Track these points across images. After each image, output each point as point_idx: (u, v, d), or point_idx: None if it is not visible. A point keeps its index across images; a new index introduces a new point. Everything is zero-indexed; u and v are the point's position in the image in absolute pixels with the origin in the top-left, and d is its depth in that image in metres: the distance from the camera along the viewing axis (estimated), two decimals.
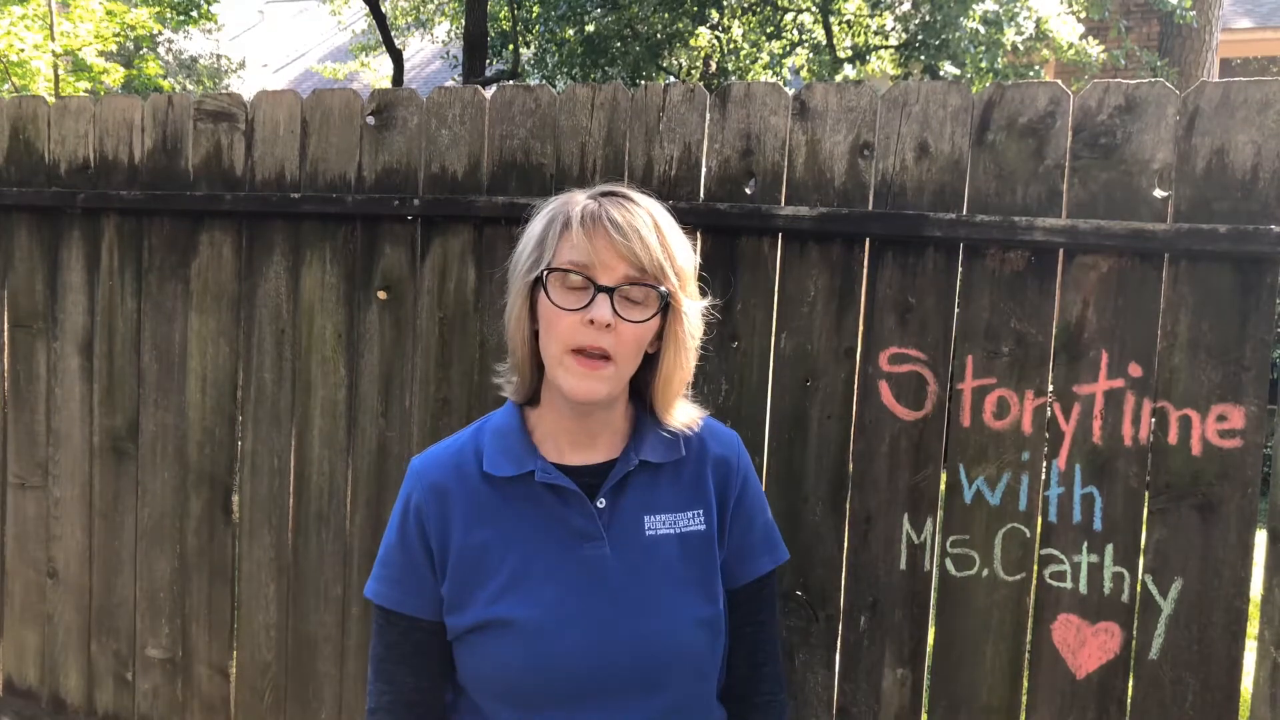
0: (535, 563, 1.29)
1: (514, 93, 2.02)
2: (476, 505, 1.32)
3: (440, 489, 1.33)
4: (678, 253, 1.28)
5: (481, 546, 1.31)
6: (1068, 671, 1.70)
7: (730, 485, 1.40)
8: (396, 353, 2.15)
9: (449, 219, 2.08)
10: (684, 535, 1.33)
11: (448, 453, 1.38)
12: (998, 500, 1.72)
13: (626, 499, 1.33)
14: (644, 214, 1.27)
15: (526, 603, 1.28)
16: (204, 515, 2.37)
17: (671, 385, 1.34)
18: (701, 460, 1.39)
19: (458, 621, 1.31)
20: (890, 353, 1.77)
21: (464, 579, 1.31)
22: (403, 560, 1.35)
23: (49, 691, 2.59)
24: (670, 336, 1.31)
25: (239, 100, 2.28)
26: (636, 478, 1.34)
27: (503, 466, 1.32)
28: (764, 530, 1.44)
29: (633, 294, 1.26)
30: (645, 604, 1.29)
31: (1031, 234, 1.67)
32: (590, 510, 1.31)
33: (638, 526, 1.32)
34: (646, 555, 1.31)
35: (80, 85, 8.56)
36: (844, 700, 1.84)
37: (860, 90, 1.78)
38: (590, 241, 1.23)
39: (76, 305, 2.48)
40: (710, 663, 1.35)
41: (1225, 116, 1.59)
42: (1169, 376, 1.63)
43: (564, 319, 1.24)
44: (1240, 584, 1.61)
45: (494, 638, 1.28)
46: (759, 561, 1.42)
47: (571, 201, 1.29)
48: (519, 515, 1.32)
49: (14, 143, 2.52)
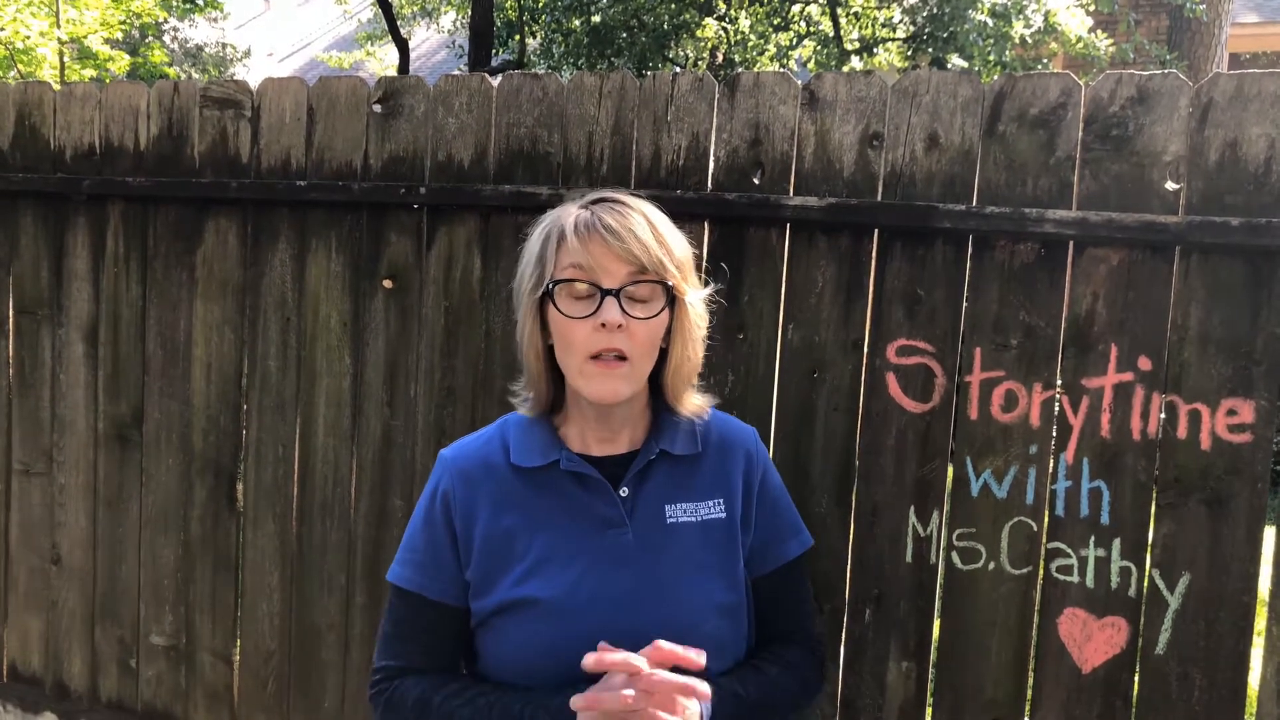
0: (560, 547, 1.33)
1: (521, 81, 2.01)
2: (504, 492, 1.36)
3: (468, 476, 1.38)
4: (674, 246, 1.32)
5: (508, 531, 1.34)
6: (1073, 666, 1.69)
7: (753, 475, 1.44)
8: (402, 342, 2.14)
9: (455, 208, 2.07)
10: (705, 523, 1.37)
11: (475, 444, 1.43)
12: (1005, 493, 1.71)
13: (648, 488, 1.37)
14: (636, 214, 1.30)
15: (552, 584, 1.31)
16: (208, 503, 2.37)
17: (682, 373, 1.37)
18: (722, 452, 1.43)
19: (483, 604, 1.34)
20: (898, 345, 1.77)
21: (490, 563, 1.34)
22: (427, 544, 1.38)
23: (53, 678, 2.59)
24: (678, 327, 1.34)
25: (245, 87, 2.27)
26: (658, 467, 1.38)
27: (530, 457, 1.37)
28: (789, 517, 1.49)
29: (637, 292, 1.29)
30: (667, 588, 1.32)
31: (1042, 226, 1.66)
32: (614, 498, 1.35)
33: (659, 514, 1.36)
34: (668, 542, 1.33)
35: (86, 73, 8.55)
36: (848, 693, 1.83)
37: (870, 80, 1.77)
38: (587, 248, 1.27)
39: (81, 292, 2.48)
40: (732, 648, 1.37)
41: (1238, 109, 1.58)
42: (1179, 370, 1.62)
43: (577, 328, 1.28)
44: (1248, 579, 1.60)
45: (518, 618, 1.31)
46: (789, 545, 1.46)
47: (564, 214, 1.32)
48: (545, 502, 1.36)
49: (20, 128, 2.51)
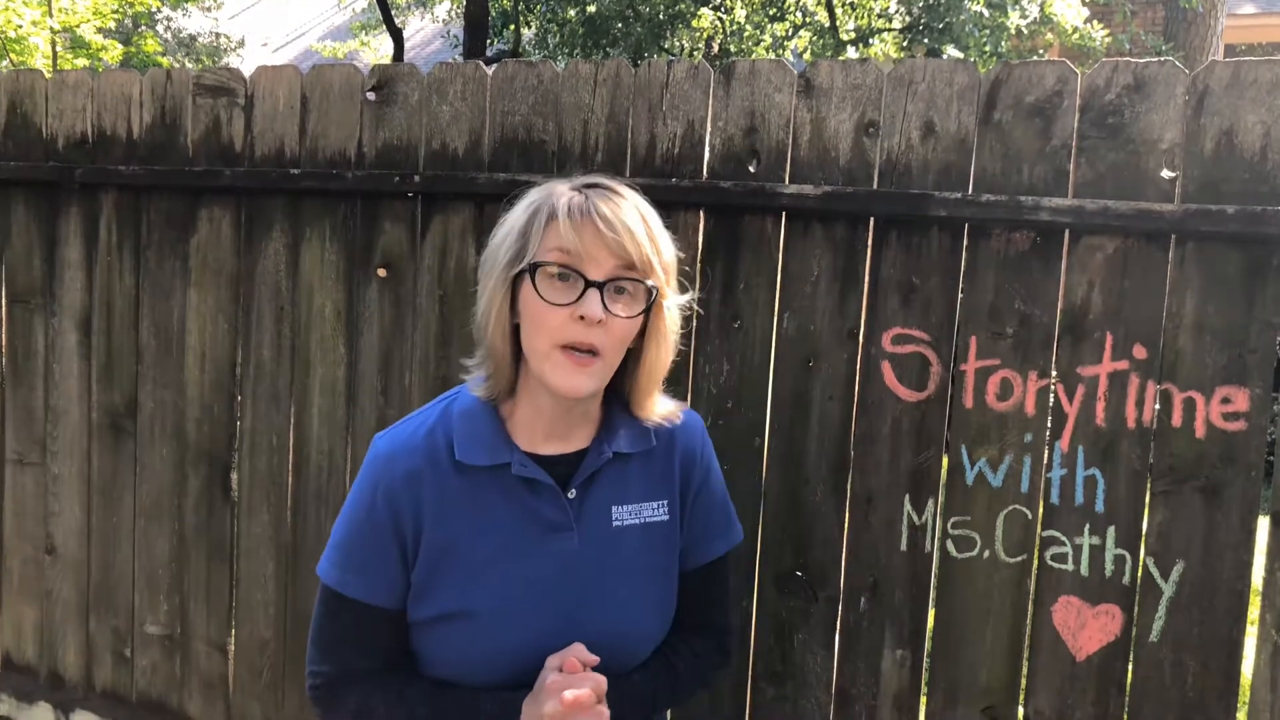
0: (504, 552, 1.28)
1: (516, 68, 2.00)
2: (447, 493, 1.28)
3: (413, 476, 1.28)
4: (664, 248, 1.27)
5: (451, 537, 1.28)
6: (1068, 653, 1.70)
7: (693, 476, 1.40)
8: (396, 331, 2.14)
9: (450, 196, 2.06)
10: (648, 525, 1.34)
11: (416, 436, 1.32)
12: (1000, 482, 1.71)
13: (596, 490, 1.32)
14: (630, 208, 1.24)
15: (493, 594, 1.27)
16: (202, 493, 2.36)
17: (653, 378, 1.32)
18: (670, 450, 1.38)
19: (423, 611, 1.29)
20: (893, 333, 1.76)
21: (432, 569, 1.28)
22: (369, 547, 1.29)
23: (47, 668, 2.59)
24: (653, 331, 1.28)
25: (238, 75, 2.26)
26: (608, 469, 1.33)
27: (476, 455, 1.28)
28: (722, 515, 1.45)
29: (621, 289, 1.23)
30: (609, 594, 1.30)
31: (1037, 214, 1.65)
32: (562, 502, 1.30)
33: (605, 518, 1.32)
34: (612, 547, 1.31)
35: (79, 62, 8.51)
36: (843, 681, 1.84)
37: (866, 68, 1.77)
38: (579, 234, 1.20)
39: (75, 281, 2.47)
40: (659, 638, 1.38)
41: (1235, 96, 1.58)
42: (1174, 358, 1.62)
43: (553, 314, 1.21)
44: (1242, 567, 1.60)
45: (459, 628, 1.27)
46: (713, 545, 1.43)
47: (554, 193, 1.25)
48: (490, 505, 1.29)
49: (11, 116, 2.49)
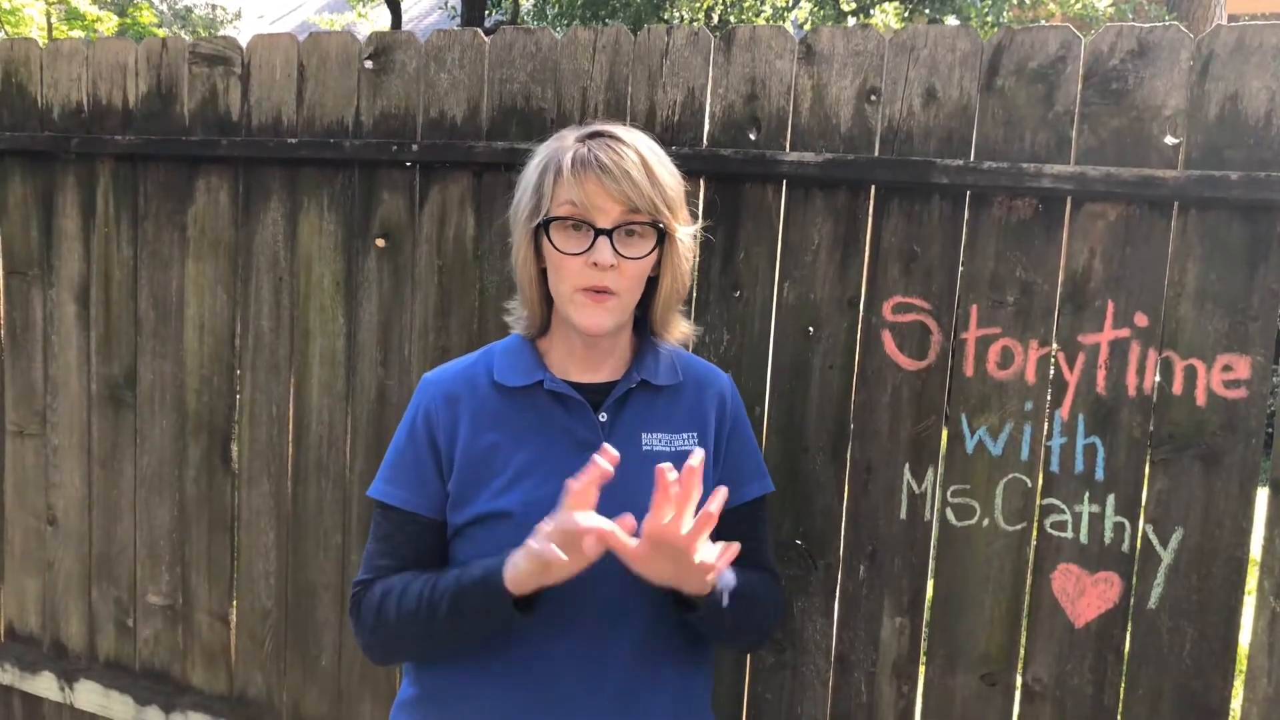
0: (538, 463, 1.37)
1: (514, 35, 1.98)
2: (486, 409, 1.41)
3: (451, 395, 1.42)
4: (667, 185, 1.35)
5: (489, 446, 1.39)
6: (1066, 621, 1.70)
7: (725, 415, 1.49)
8: (395, 301, 2.13)
9: (448, 165, 2.05)
10: (678, 454, 1.38)
11: (458, 367, 1.47)
12: (1000, 450, 1.71)
13: (626, 415, 1.42)
14: (631, 153, 1.32)
15: (528, 498, 1.34)
16: (203, 463, 2.36)
17: (671, 303, 1.44)
18: (700, 389, 1.49)
19: (460, 516, 1.38)
20: (894, 302, 1.76)
21: (470, 477, 1.38)
22: (409, 461, 1.42)
23: (50, 637, 2.60)
24: (667, 263, 1.40)
25: (234, 44, 2.24)
26: (637, 396, 1.43)
27: (513, 377, 1.42)
28: (754, 460, 1.54)
29: (630, 232, 1.34)
30: (638, 512, 1.31)
31: (1039, 181, 1.64)
32: (593, 420, 1.40)
33: (635, 441, 1.40)
34: (642, 468, 1.34)
35: (74, 34, 8.44)
36: (842, 648, 1.84)
37: (867, 34, 1.75)
38: (582, 187, 1.30)
39: (72, 252, 2.46)
40: None
41: (1240, 62, 1.56)
42: (1175, 326, 1.61)
43: (569, 262, 1.33)
44: (1241, 535, 1.60)
45: (493, 529, 1.35)
46: (749, 486, 1.51)
47: (561, 146, 1.35)
48: (526, 420, 1.40)
49: (5, 86, 2.47)
